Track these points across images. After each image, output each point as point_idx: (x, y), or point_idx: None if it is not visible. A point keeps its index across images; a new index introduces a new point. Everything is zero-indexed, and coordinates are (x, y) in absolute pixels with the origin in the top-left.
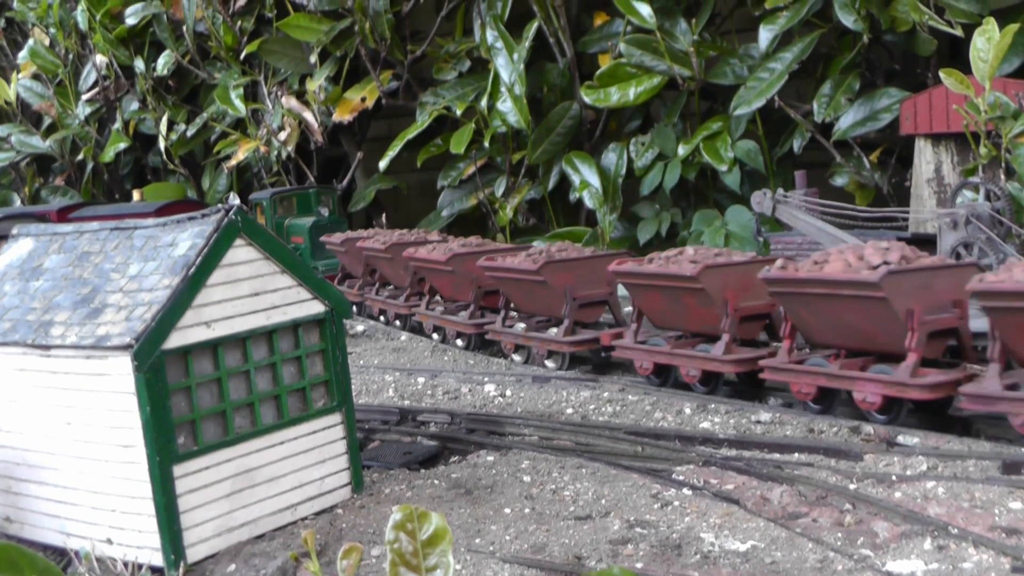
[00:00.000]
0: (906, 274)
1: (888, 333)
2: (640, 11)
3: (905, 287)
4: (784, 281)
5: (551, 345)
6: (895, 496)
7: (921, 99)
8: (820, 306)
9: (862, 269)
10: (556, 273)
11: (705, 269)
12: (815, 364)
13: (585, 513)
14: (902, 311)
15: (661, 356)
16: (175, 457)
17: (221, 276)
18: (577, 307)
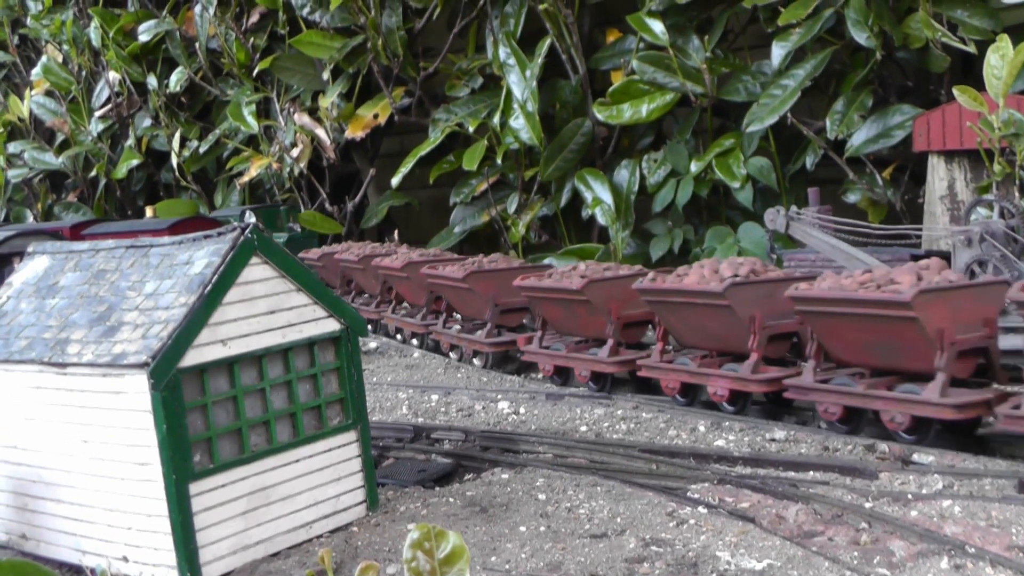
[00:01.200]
0: (748, 285)
1: (736, 336)
2: (653, 28)
3: (748, 296)
4: (653, 291)
5: (476, 345)
6: (911, 515)
7: (934, 116)
8: (682, 312)
9: (712, 281)
10: (480, 281)
11: (590, 283)
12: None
13: (600, 531)
14: (745, 317)
15: (560, 359)
16: (191, 475)
17: (237, 294)
18: (499, 312)
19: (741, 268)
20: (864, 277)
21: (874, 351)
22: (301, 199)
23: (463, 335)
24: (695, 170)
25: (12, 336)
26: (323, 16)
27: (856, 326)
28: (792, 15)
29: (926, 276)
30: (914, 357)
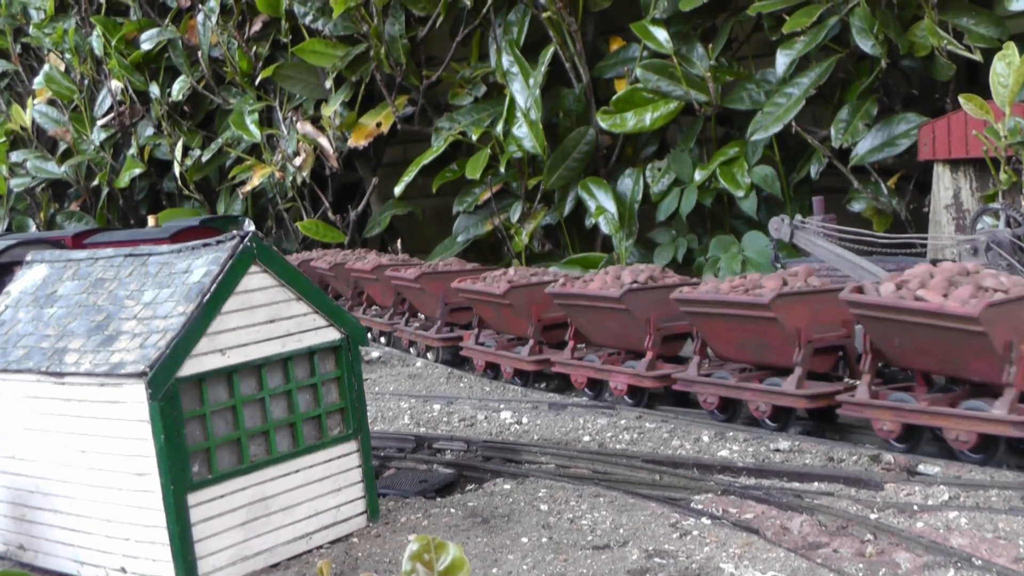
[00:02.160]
0: (644, 291)
1: (635, 336)
2: (656, 36)
3: (644, 301)
4: (562, 295)
5: (428, 341)
6: (917, 526)
7: (940, 124)
8: (589, 315)
9: (612, 287)
10: (431, 282)
11: (511, 289)
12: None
13: (603, 543)
14: (642, 319)
15: (491, 356)
16: (190, 485)
17: (236, 303)
18: (449, 311)
19: (641, 275)
20: (737, 282)
21: (746, 348)
22: (304, 208)
23: (418, 332)
24: (699, 179)
25: (10, 345)
26: (326, 24)
27: (730, 325)
28: (797, 23)
29: (791, 281)
30: (777, 353)
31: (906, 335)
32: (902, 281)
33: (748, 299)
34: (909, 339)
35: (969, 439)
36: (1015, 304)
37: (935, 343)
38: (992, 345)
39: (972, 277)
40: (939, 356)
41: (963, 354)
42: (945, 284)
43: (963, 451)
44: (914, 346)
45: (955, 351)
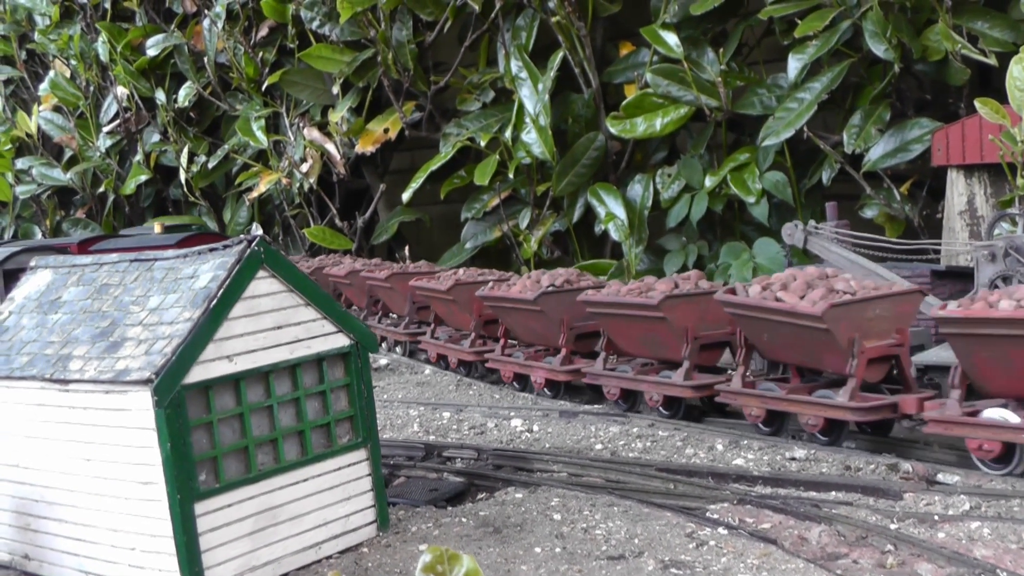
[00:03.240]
0: (557, 293)
1: (551, 335)
2: (667, 40)
3: (557, 303)
4: (491, 298)
5: (396, 336)
6: (938, 537)
7: (953, 130)
8: (514, 315)
9: (529, 291)
10: (399, 283)
11: (455, 286)
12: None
13: (618, 553)
14: (556, 320)
15: (441, 348)
16: (196, 494)
17: (243, 309)
18: (416, 309)
19: (558, 279)
20: (635, 285)
21: (644, 345)
22: (311, 214)
23: (389, 328)
24: (709, 185)
25: (14, 352)
26: (333, 30)
27: (629, 324)
28: (809, 27)
29: (682, 284)
30: (668, 349)
31: (771, 332)
32: (768, 283)
33: (641, 301)
34: (774, 335)
35: (817, 422)
36: (858, 305)
37: (793, 339)
38: (837, 341)
39: (827, 281)
40: (798, 350)
41: (816, 348)
42: (804, 287)
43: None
44: (778, 341)
45: (809, 346)
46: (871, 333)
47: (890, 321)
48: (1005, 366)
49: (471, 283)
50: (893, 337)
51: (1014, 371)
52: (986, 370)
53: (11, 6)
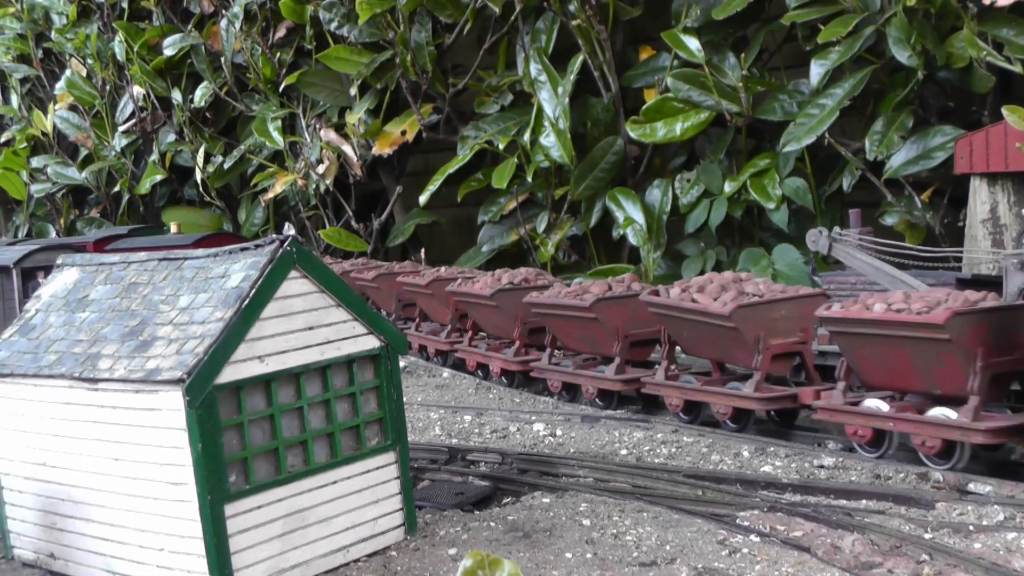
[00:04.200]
0: (512, 291)
1: (507, 328)
2: (688, 45)
3: (512, 300)
4: (458, 293)
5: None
6: (975, 547)
7: (977, 137)
8: (478, 310)
9: (487, 288)
10: (386, 282)
11: (433, 281)
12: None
13: (650, 559)
14: (511, 315)
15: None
16: (227, 496)
17: (275, 309)
18: (403, 306)
19: (516, 277)
20: (573, 288)
21: (582, 342)
22: (326, 216)
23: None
24: (729, 190)
25: (41, 350)
26: (351, 31)
27: (569, 324)
28: (832, 32)
29: (615, 287)
30: (603, 346)
31: (689, 330)
32: (686, 285)
33: (576, 303)
34: (692, 333)
35: (727, 411)
36: (764, 306)
37: (708, 336)
38: (744, 338)
39: (740, 284)
40: (712, 346)
41: (727, 345)
42: (719, 289)
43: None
44: (696, 339)
45: (722, 342)
46: (776, 331)
47: (795, 321)
48: (880, 361)
49: (448, 279)
50: (797, 335)
51: (887, 366)
52: (865, 365)
53: (28, 5)
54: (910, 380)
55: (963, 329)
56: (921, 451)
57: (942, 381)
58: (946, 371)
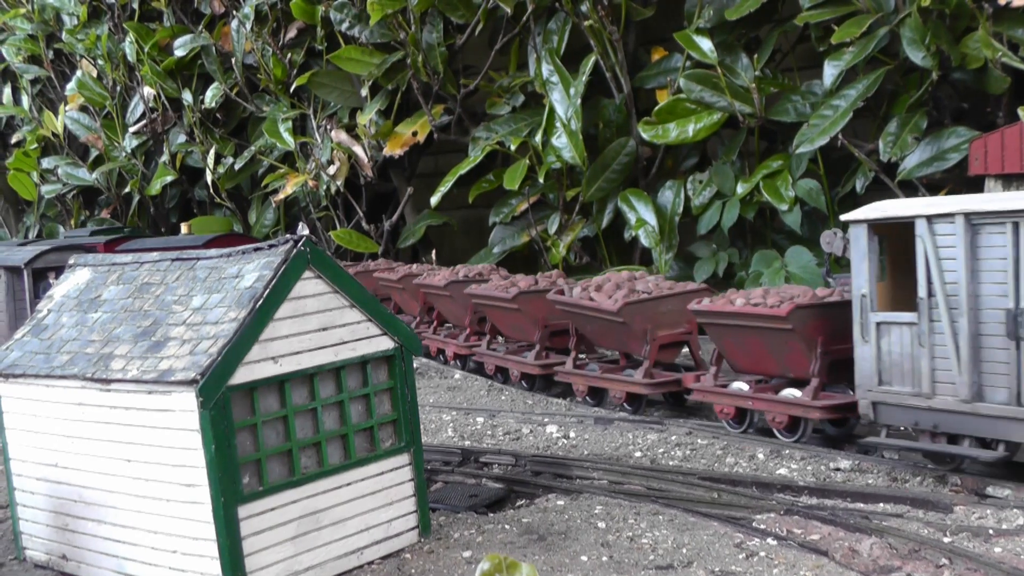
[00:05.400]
0: (463, 283)
1: (461, 316)
2: (701, 46)
3: (462, 290)
4: (424, 285)
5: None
6: (995, 551)
7: (992, 138)
8: (439, 300)
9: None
10: (364, 279)
11: (404, 277)
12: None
13: (666, 562)
14: (463, 304)
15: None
16: (240, 498)
17: (289, 310)
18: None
19: (472, 272)
20: (505, 283)
21: (515, 330)
22: (337, 217)
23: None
24: (741, 192)
25: (54, 351)
26: (362, 32)
27: (501, 314)
28: (846, 33)
29: (541, 282)
30: (529, 335)
31: (591, 324)
32: (588, 284)
33: (502, 295)
34: (593, 327)
35: (621, 396)
36: (651, 302)
37: (605, 329)
38: (632, 331)
39: (633, 282)
40: (610, 339)
41: (621, 337)
42: (614, 288)
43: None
44: (596, 332)
45: (617, 335)
46: (663, 324)
47: (681, 314)
48: (742, 349)
49: (417, 274)
50: (684, 327)
51: (748, 353)
52: (731, 352)
53: (39, 6)
54: (767, 365)
55: (805, 321)
56: (773, 426)
57: (791, 366)
58: (793, 357)
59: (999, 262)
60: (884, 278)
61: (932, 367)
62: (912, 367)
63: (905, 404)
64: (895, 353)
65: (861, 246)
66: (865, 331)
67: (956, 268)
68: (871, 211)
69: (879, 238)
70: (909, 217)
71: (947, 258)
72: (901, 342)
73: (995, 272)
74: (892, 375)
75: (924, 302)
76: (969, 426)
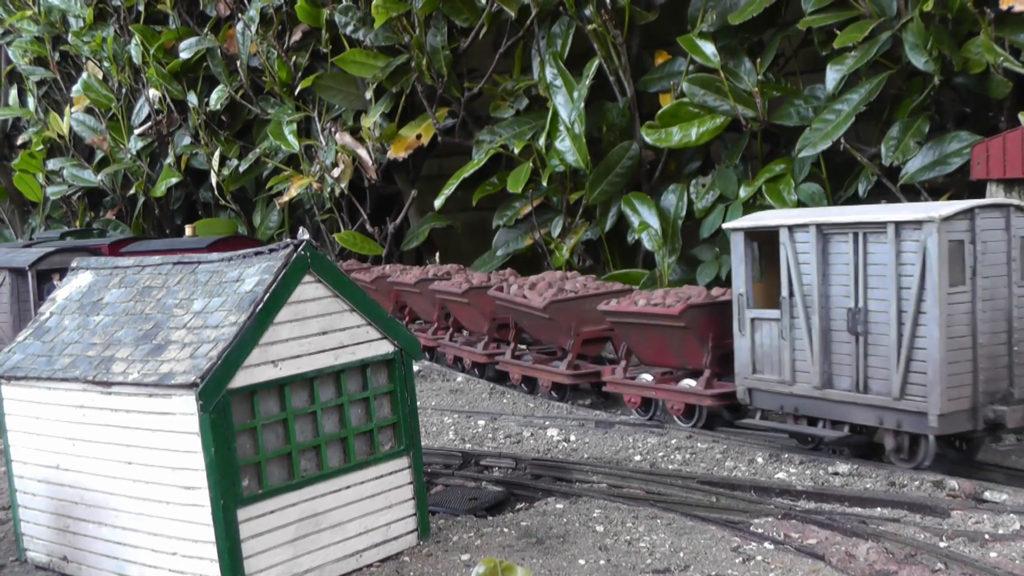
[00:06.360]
0: (431, 280)
1: (429, 311)
2: (704, 50)
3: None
4: (397, 283)
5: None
6: (991, 556)
7: (994, 143)
8: (412, 297)
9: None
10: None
11: (377, 279)
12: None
13: (663, 566)
14: (431, 299)
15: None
16: (239, 500)
17: (289, 314)
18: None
19: (441, 271)
20: (459, 279)
21: (470, 323)
22: (341, 219)
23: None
24: (744, 195)
25: (55, 353)
26: (367, 34)
27: (459, 308)
28: (848, 38)
29: (494, 279)
30: (477, 325)
31: (526, 320)
32: (524, 283)
33: (455, 290)
34: (528, 323)
35: (548, 384)
36: (576, 301)
37: (536, 325)
38: (558, 327)
39: (564, 282)
40: (543, 333)
41: (551, 332)
42: (546, 286)
43: (548, 392)
44: (530, 327)
45: (547, 330)
46: (587, 321)
47: None
48: (647, 344)
49: (389, 275)
50: (606, 323)
51: (652, 347)
52: (638, 347)
53: (45, 8)
54: (668, 358)
55: (696, 319)
56: (672, 413)
57: (688, 358)
58: (688, 351)
59: (844, 267)
60: (762, 279)
61: (793, 357)
62: (778, 358)
63: (773, 390)
64: (766, 345)
65: (739, 251)
66: (742, 326)
67: (811, 272)
68: (747, 221)
69: (757, 244)
70: (775, 227)
71: (804, 263)
72: (770, 335)
73: (841, 276)
74: (764, 364)
75: (786, 301)
76: (822, 410)
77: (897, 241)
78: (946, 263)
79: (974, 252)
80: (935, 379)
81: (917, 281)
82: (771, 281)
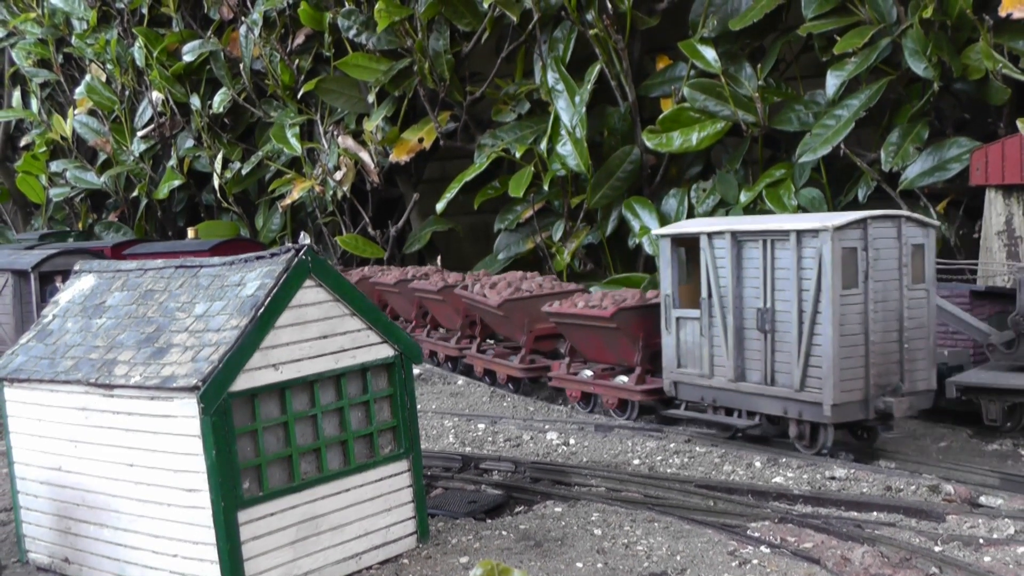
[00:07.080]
0: (410, 280)
1: (408, 308)
2: (705, 55)
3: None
4: (377, 283)
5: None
6: (985, 560)
7: (993, 149)
8: (392, 297)
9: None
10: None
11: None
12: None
13: (660, 569)
14: (409, 297)
15: None
16: (240, 503)
17: (290, 318)
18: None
19: (419, 272)
20: (435, 279)
21: (446, 319)
22: (343, 223)
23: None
24: (744, 200)
25: (58, 356)
26: (369, 38)
27: (435, 305)
28: (848, 44)
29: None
30: (451, 322)
31: (487, 316)
32: (487, 282)
33: (431, 288)
34: (488, 319)
35: (503, 377)
36: (530, 300)
37: (498, 321)
38: (513, 323)
39: (520, 282)
40: (502, 329)
41: (507, 328)
42: (505, 286)
43: (506, 384)
44: (491, 323)
45: (505, 326)
46: (540, 319)
47: None
48: (587, 343)
49: (370, 276)
50: None
51: (592, 346)
52: (580, 345)
53: (49, 10)
54: (607, 356)
55: (628, 320)
56: (607, 407)
57: (622, 356)
58: (622, 349)
59: (755, 271)
60: (688, 281)
61: (711, 353)
62: (699, 353)
63: (695, 383)
64: (689, 342)
65: (666, 256)
66: (668, 324)
67: (727, 275)
68: (673, 228)
69: (684, 249)
70: (696, 233)
71: (721, 267)
72: (692, 333)
73: (752, 279)
74: (687, 359)
75: (705, 301)
76: (736, 401)
77: (799, 248)
78: (839, 268)
79: (866, 258)
80: (829, 372)
81: (815, 284)
82: (695, 283)
